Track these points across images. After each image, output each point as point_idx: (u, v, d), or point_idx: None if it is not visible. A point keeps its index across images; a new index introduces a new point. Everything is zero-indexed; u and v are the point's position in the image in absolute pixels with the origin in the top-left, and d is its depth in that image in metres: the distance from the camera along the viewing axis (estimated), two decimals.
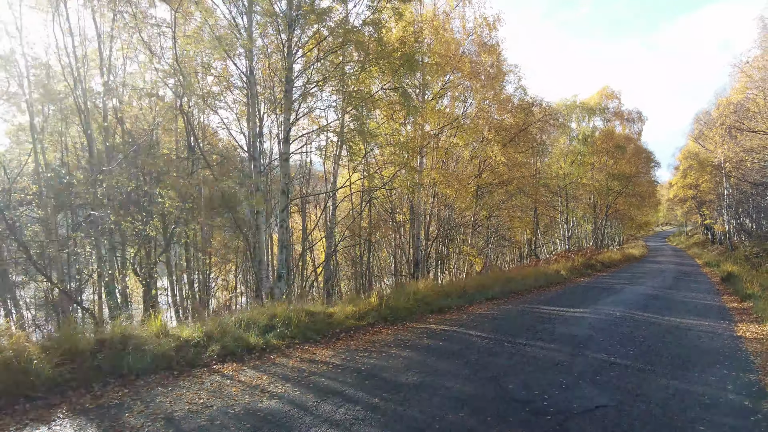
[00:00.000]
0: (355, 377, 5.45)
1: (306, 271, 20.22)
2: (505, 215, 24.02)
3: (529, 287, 14.53)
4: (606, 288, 14.72)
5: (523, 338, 7.43)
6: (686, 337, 7.84)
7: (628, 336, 7.77)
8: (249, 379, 5.44)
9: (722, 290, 15.12)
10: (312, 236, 18.04)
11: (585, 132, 37.14)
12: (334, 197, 14.53)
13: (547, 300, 12.06)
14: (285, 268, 12.21)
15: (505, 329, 8.13)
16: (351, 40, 10.77)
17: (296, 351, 6.86)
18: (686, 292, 14.10)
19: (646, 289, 14.39)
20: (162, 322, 6.89)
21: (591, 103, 38.39)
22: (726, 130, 19.47)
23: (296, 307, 8.41)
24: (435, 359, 6.19)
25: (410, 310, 9.93)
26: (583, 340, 7.34)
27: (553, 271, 17.52)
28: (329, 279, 15.11)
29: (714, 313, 10.56)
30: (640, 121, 40.08)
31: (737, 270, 19.19)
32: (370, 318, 9.00)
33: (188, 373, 5.73)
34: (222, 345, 6.64)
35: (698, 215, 45.76)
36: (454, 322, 8.87)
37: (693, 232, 58.19)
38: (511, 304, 11.31)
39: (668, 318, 9.63)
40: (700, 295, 13.52)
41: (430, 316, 9.72)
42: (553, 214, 38.72)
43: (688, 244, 49.40)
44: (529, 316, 9.58)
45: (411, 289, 10.93)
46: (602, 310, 10.25)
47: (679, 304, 11.60)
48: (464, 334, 7.78)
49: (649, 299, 12.26)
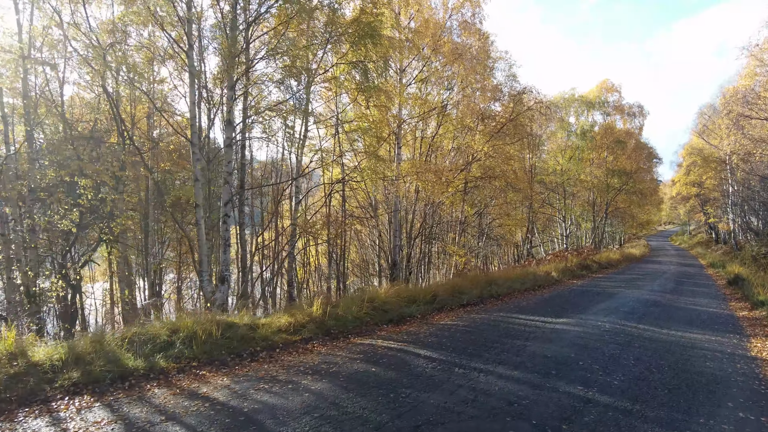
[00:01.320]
0: (224, 426, 3.92)
1: (275, 274, 18.74)
2: (495, 212, 22.47)
3: (513, 291, 12.99)
4: (599, 292, 13.15)
5: (481, 360, 5.89)
6: (689, 359, 6.29)
7: (616, 358, 6.22)
8: (80, 426, 3.93)
9: (729, 295, 13.53)
10: (268, 236, 16.50)
11: (584, 126, 35.57)
12: (296, 189, 12.97)
13: (530, 307, 10.50)
14: (228, 270, 10.70)
15: (465, 347, 6.59)
16: (303, 8, 9.25)
17: (186, 378, 5.33)
18: (689, 297, 12.52)
19: (643, 294, 12.82)
20: (17, 340, 5.40)
21: (590, 97, 36.81)
22: (733, 120, 17.84)
23: (207, 318, 6.89)
24: (353, 395, 4.65)
25: (362, 321, 8.41)
26: (558, 364, 5.80)
27: (542, 273, 15.96)
28: (292, 282, 13.60)
29: (722, 324, 8.99)
30: (642, 115, 38.45)
31: (745, 272, 17.58)
32: (306, 331, 7.48)
33: (11, 413, 4.22)
34: (84, 371, 5.13)
35: (702, 214, 44.06)
36: (408, 337, 7.33)
37: (696, 231, 56.44)
38: (485, 312, 9.77)
39: (667, 331, 8.07)
40: (704, 301, 11.94)
41: (384, 328, 8.18)
42: (550, 212, 37.20)
43: (692, 244, 47.72)
44: (501, 328, 8.03)
45: (370, 295, 9.40)
46: (590, 321, 8.69)
47: (681, 313, 10.03)
48: (411, 354, 6.24)
49: (646, 306, 10.70)
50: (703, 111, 36.98)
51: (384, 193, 16.66)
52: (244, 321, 7.36)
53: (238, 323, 7.21)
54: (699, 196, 41.10)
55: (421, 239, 19.85)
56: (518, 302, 11.26)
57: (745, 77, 17.66)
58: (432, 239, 20.20)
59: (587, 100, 36.20)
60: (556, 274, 16.39)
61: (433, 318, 9.22)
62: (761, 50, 16.30)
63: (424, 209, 18.98)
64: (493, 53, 20.15)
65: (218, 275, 10.70)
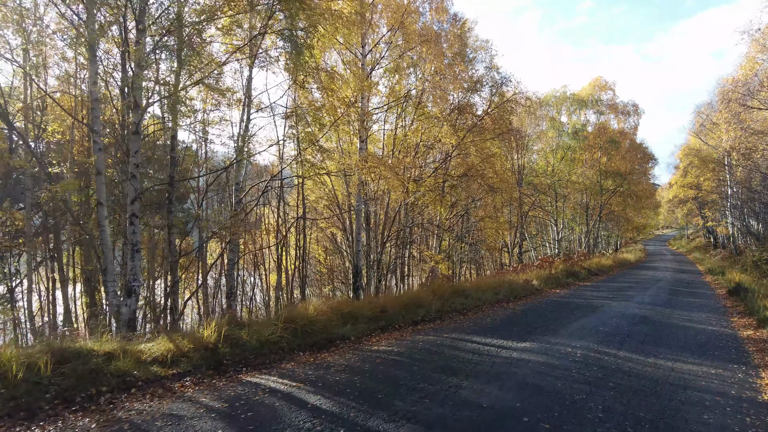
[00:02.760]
0: None
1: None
2: (477, 215, 20.83)
3: (483, 303, 11.32)
4: (581, 305, 11.47)
5: (386, 414, 4.20)
6: (679, 410, 4.61)
7: (579, 408, 4.54)
8: None
9: (730, 308, 11.87)
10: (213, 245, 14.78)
11: (576, 125, 34.02)
12: (236, 187, 11.28)
13: (494, 325, 8.82)
14: (138, 280, 9.01)
15: (376, 390, 4.90)
16: None
17: None
18: (684, 311, 10.85)
19: (632, 307, 11.14)
20: None
21: (583, 95, 35.24)
22: (732, 113, 16.24)
23: (44, 347, 5.21)
24: None
25: (276, 346, 6.73)
26: (491, 423, 4.12)
27: (521, 282, 14.28)
28: (232, 292, 11.90)
29: (722, 348, 7.32)
30: (636, 114, 36.90)
31: (747, 280, 15.94)
32: (187, 363, 5.79)
33: None
34: None
35: (699, 217, 42.47)
36: (315, 372, 5.64)
37: (695, 235, 54.83)
38: (437, 332, 8.09)
39: (654, 360, 6.39)
40: (702, 316, 10.27)
41: (298, 357, 6.49)
42: (542, 215, 35.59)
43: (689, 248, 46.11)
44: (443, 356, 6.34)
45: (292, 313, 7.71)
46: (558, 347, 7.01)
47: (674, 333, 8.36)
48: (295, 403, 4.55)
49: (632, 324, 9.02)
50: (701, 110, 35.25)
51: (350, 191, 15.01)
52: (106, 348, 5.67)
53: (94, 351, 5.54)
54: (696, 199, 39.51)
55: (395, 243, 18.20)
56: (483, 318, 9.57)
57: (745, 66, 16.07)
58: (407, 244, 18.52)
59: (579, 98, 34.65)
60: (537, 283, 14.72)
61: (371, 341, 7.54)
62: (764, 35, 14.73)
63: (398, 210, 17.37)
64: (471, 41, 18.61)
65: (125, 286, 9.01)
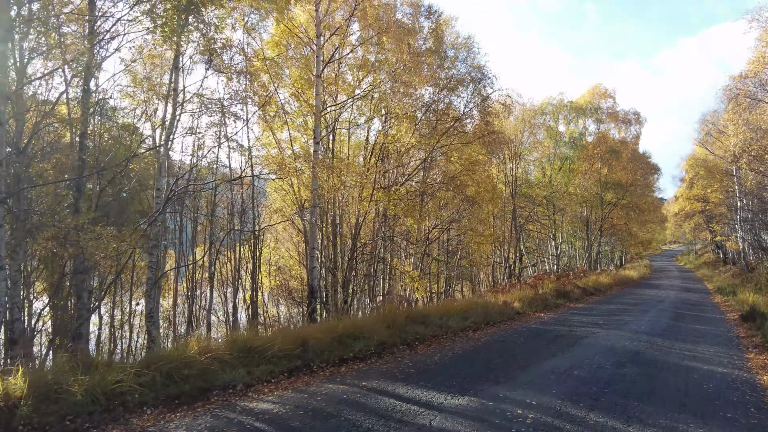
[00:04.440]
0: None
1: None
2: (457, 229, 18.99)
3: (444, 332, 9.37)
4: (563, 335, 9.49)
5: None
6: None
7: None
8: None
9: (744, 338, 9.83)
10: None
11: (573, 134, 32.22)
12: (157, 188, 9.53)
13: (439, 364, 6.89)
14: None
15: None
16: None
17: None
18: (688, 343, 8.83)
19: (623, 338, 9.14)
20: None
21: (581, 103, 33.42)
22: (741, 110, 14.38)
23: None
24: None
25: (117, 399, 4.87)
26: None
27: (500, 304, 12.31)
28: (151, 316, 10.08)
29: (738, 405, 5.34)
30: (638, 123, 34.89)
31: (762, 302, 13.84)
32: None
33: None
34: None
35: (707, 231, 40.16)
36: None
37: (703, 250, 52.32)
38: (359, 378, 6.18)
39: (639, 429, 4.45)
40: (709, 351, 8.25)
41: (142, 415, 4.63)
42: (539, 229, 33.62)
43: (697, 264, 43.69)
44: (333, 424, 4.45)
45: (163, 354, 5.86)
46: (505, 405, 5.07)
47: (671, 377, 6.39)
48: None
49: (618, 364, 7.04)
50: (706, 119, 33.04)
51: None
52: None
53: None
54: (704, 212, 37.33)
55: (368, 259, 16.33)
56: (433, 354, 7.64)
57: (755, 61, 14.23)
58: (380, 259, 16.63)
59: (578, 105, 32.82)
60: (519, 305, 12.74)
61: (261, 391, 5.65)
62: None
63: (372, 222, 15.61)
64: (451, 38, 16.98)
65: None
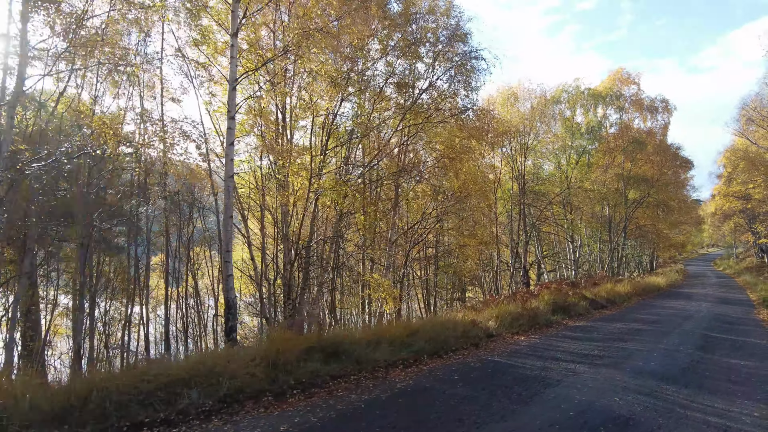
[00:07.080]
0: None
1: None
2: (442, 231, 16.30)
3: (362, 368, 6.78)
4: (528, 376, 6.68)
5: None
6: None
7: None
8: None
9: None
10: None
11: (591, 123, 28.82)
12: None
13: None
14: None
15: None
16: None
17: None
18: (717, 396, 5.89)
19: (615, 385, 6.25)
20: None
21: (600, 90, 29.95)
22: None
23: None
24: None
25: None
26: None
27: (467, 323, 9.54)
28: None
29: None
30: (666, 111, 31.08)
31: None
32: None
33: None
34: None
35: (750, 233, 35.73)
36: None
37: (745, 254, 47.32)
38: None
39: None
40: (750, 413, 5.33)
41: None
42: (555, 230, 30.30)
43: (738, 270, 39.02)
44: None
45: None
46: None
47: None
48: None
49: None
50: (747, 105, 28.70)
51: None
52: None
53: None
54: (745, 212, 33.11)
55: (321, 264, 13.86)
56: (314, 407, 5.06)
57: None
58: (338, 266, 14.12)
59: (596, 93, 29.36)
60: (493, 325, 9.96)
61: None
62: None
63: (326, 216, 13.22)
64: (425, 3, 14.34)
65: None
